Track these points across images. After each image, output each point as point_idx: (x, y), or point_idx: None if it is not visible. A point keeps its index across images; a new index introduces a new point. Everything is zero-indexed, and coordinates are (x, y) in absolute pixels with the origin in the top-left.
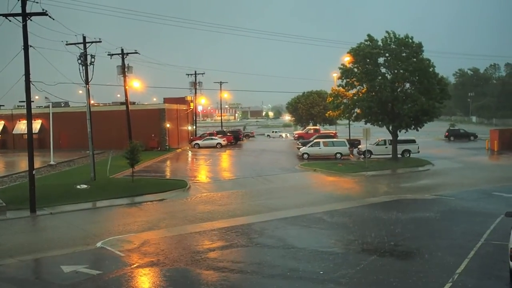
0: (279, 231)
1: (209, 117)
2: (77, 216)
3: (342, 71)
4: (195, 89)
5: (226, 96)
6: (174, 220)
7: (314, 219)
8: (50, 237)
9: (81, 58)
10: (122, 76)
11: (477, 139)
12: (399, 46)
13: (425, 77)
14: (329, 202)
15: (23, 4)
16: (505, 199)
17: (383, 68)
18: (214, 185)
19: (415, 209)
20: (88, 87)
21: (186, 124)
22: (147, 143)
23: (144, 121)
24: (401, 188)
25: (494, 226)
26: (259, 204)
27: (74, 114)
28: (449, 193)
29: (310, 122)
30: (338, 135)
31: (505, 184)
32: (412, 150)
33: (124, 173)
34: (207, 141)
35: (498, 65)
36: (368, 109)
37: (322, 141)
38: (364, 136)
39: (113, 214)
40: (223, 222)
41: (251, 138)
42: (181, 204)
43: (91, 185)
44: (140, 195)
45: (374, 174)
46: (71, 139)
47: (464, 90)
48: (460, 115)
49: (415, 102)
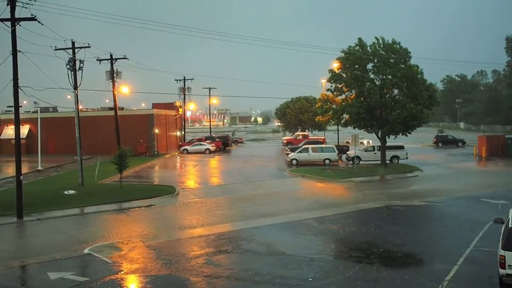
0: (268, 238)
1: (197, 123)
2: (65, 222)
3: (331, 75)
4: (184, 95)
5: (215, 101)
6: (162, 226)
7: (303, 225)
8: (37, 243)
9: (70, 63)
10: (111, 81)
11: (465, 145)
12: (387, 51)
13: (413, 83)
14: (318, 208)
15: (12, 9)
16: (493, 205)
17: (372, 73)
18: (203, 191)
19: (404, 216)
20: (77, 92)
21: (175, 129)
22: (135, 149)
23: (133, 127)
24: (390, 194)
25: (483, 233)
26: (247, 210)
27: (62, 119)
28: (438, 199)
29: (299, 128)
30: (327, 141)
31: (493, 190)
32: (400, 156)
33: (112, 179)
34: (195, 147)
35: (485, 71)
36: (357, 114)
37: (310, 147)
38: (352, 142)
39: (100, 220)
40: (212, 228)
41: (240, 144)
42: (169, 210)
43: (79, 191)
44: (128, 201)
45: (363, 180)
46: (59, 144)
47: (452, 97)
48: (448, 121)
49: (404, 108)
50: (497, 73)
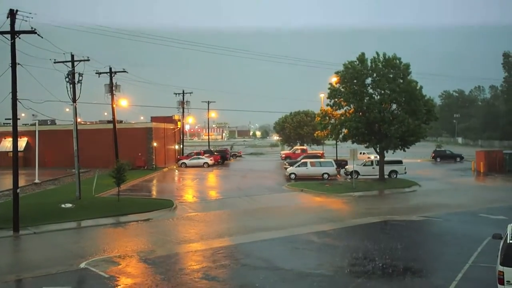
0: (266, 252)
1: (196, 136)
2: (61, 235)
3: (330, 91)
4: (183, 108)
5: (213, 115)
6: (159, 241)
7: (302, 240)
8: (33, 257)
9: (69, 76)
10: (110, 94)
11: (463, 160)
12: (387, 66)
13: (412, 98)
14: (317, 223)
15: (12, 22)
16: (491, 221)
17: (370, 88)
18: (201, 205)
19: (402, 231)
20: (76, 105)
21: (173, 143)
22: (134, 162)
23: (131, 140)
24: (388, 209)
25: (482, 248)
26: (246, 224)
27: (60, 132)
28: (436, 214)
29: (297, 142)
30: (325, 155)
31: (492, 205)
32: (399, 171)
33: (110, 192)
34: (194, 161)
35: (482, 87)
36: (356, 129)
37: (309, 161)
38: (351, 157)
39: (98, 234)
40: (210, 243)
41: (238, 158)
42: (167, 224)
43: (76, 204)
44: (126, 214)
45: (361, 194)
46: (57, 157)
47: (450, 112)
48: (446, 136)
49: (402, 123)
50: (495, 89)
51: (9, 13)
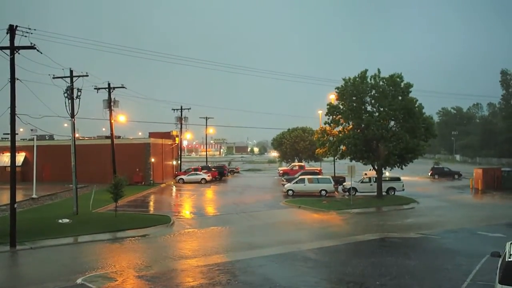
0: (263, 269)
1: (194, 152)
2: (58, 251)
3: (328, 108)
4: (181, 124)
5: (211, 131)
6: (156, 257)
7: (299, 256)
8: (30, 273)
9: (68, 91)
10: (108, 110)
11: (461, 178)
12: (387, 84)
13: (411, 115)
14: (314, 240)
15: (11, 37)
16: (490, 238)
17: (369, 105)
18: (198, 221)
19: (400, 248)
20: (74, 121)
21: (171, 158)
22: (131, 178)
23: (129, 155)
24: (386, 226)
25: (480, 266)
26: (243, 241)
27: (58, 147)
28: (434, 232)
29: (295, 159)
30: (323, 171)
31: (490, 223)
32: (397, 188)
33: (107, 208)
34: (191, 176)
35: (480, 104)
36: (354, 146)
37: (307, 178)
38: (348, 174)
39: (94, 249)
40: (206, 259)
41: (236, 174)
42: (164, 240)
43: (73, 220)
44: (123, 230)
45: (359, 211)
46: (55, 172)
47: (447, 129)
48: (444, 153)
49: (400, 140)
50: (493, 106)
51: (9, 28)
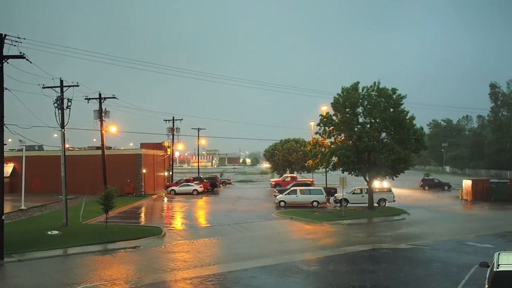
0: (255, 280)
1: (186, 163)
2: (47, 263)
3: (321, 119)
4: (173, 135)
5: (203, 142)
6: (147, 268)
7: (291, 268)
8: (18, 285)
9: (58, 101)
10: (99, 120)
11: (451, 189)
12: (379, 96)
13: (402, 127)
14: (306, 251)
15: (0, 46)
16: (479, 249)
17: (361, 117)
18: (190, 232)
19: (390, 259)
20: (64, 131)
21: (163, 169)
22: (122, 189)
23: (120, 166)
24: (377, 237)
25: (469, 276)
26: (235, 252)
27: (48, 158)
28: (424, 242)
29: (287, 170)
30: (315, 183)
31: (479, 234)
32: (388, 199)
33: (98, 219)
34: (183, 188)
35: (470, 116)
36: (346, 158)
37: (299, 189)
38: (340, 185)
39: (84, 261)
40: (198, 271)
41: (228, 185)
42: (155, 252)
43: (63, 231)
44: (113, 242)
45: (351, 222)
46: (44, 183)
47: (438, 140)
48: (434, 164)
49: (391, 152)
50: (482, 118)
51: None
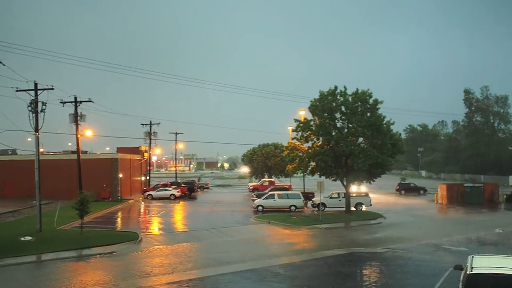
0: (233, 285)
1: (163, 168)
2: (19, 270)
3: (297, 125)
4: (150, 139)
5: (181, 146)
6: (123, 274)
7: (269, 272)
8: None
9: (32, 105)
10: (74, 124)
11: (427, 193)
12: (355, 100)
13: (379, 132)
14: (284, 255)
15: None
16: (453, 252)
17: (339, 122)
18: (167, 237)
19: (367, 263)
20: (38, 135)
21: (140, 174)
22: (98, 194)
23: (96, 171)
24: (354, 241)
25: (444, 279)
26: (212, 257)
27: (21, 163)
28: (400, 246)
29: (265, 174)
30: (293, 187)
31: (453, 237)
32: (364, 203)
33: (73, 225)
34: (160, 192)
35: (445, 121)
36: (323, 162)
37: (276, 194)
38: (318, 189)
39: (59, 268)
40: (175, 276)
41: (206, 190)
42: (131, 257)
43: (37, 237)
44: (89, 247)
45: (328, 226)
46: (18, 188)
47: (414, 145)
48: (410, 169)
49: (369, 156)
50: (457, 124)
51: None
